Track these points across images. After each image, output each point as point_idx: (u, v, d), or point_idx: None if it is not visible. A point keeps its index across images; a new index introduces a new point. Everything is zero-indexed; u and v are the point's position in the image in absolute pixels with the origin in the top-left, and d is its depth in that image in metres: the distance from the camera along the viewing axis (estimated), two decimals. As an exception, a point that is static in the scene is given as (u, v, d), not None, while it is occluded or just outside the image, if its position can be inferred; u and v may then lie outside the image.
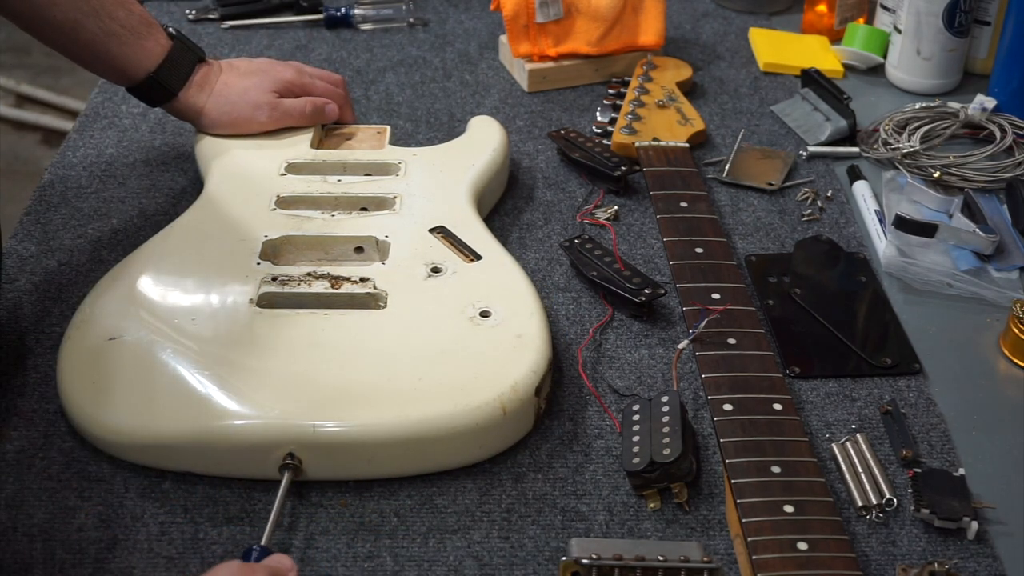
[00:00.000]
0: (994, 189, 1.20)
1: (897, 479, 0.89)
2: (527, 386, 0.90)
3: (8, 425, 0.92)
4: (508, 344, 0.93)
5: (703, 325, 0.97)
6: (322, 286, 0.99)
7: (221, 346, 0.93)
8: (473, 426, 0.87)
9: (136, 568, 0.82)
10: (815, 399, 0.96)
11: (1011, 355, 1.01)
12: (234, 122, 1.17)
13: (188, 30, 1.47)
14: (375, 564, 0.83)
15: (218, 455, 0.87)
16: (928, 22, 1.32)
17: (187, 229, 1.06)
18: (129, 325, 0.94)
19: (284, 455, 0.86)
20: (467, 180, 1.12)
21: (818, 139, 1.27)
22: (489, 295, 0.97)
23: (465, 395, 0.88)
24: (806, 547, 0.79)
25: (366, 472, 0.88)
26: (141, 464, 0.89)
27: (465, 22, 1.53)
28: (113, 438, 0.88)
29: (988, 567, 0.83)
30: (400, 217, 1.07)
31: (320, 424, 0.86)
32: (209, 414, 0.87)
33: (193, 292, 0.98)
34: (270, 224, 1.06)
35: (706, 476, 0.89)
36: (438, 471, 0.89)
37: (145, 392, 0.89)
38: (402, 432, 0.86)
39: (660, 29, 1.37)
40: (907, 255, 1.09)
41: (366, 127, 1.24)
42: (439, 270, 1.00)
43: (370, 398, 0.89)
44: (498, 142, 1.18)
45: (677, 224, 1.10)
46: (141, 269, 1.00)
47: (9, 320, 1.02)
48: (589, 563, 0.77)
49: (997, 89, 1.30)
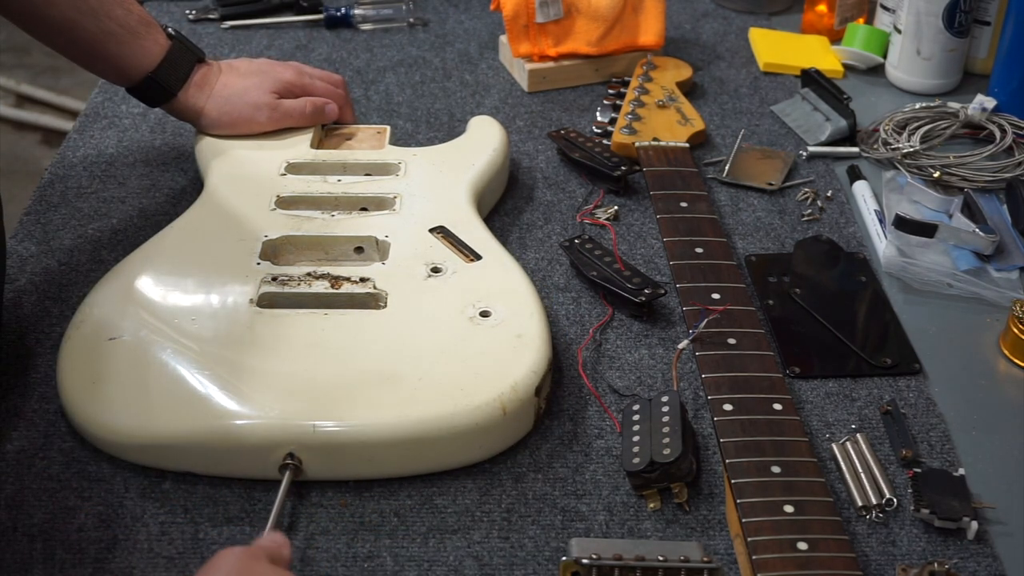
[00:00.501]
0: (994, 189, 1.20)
1: (897, 479, 0.89)
2: (527, 386, 0.90)
3: (8, 425, 0.93)
4: (508, 344, 0.93)
5: (703, 325, 0.97)
6: (322, 286, 0.99)
7: (221, 346, 0.93)
8: (473, 426, 0.87)
9: (136, 568, 0.82)
10: (815, 399, 0.96)
11: (1011, 355, 1.01)
12: (234, 122, 1.17)
13: (188, 30, 1.47)
14: (375, 564, 0.83)
15: (218, 455, 0.87)
16: (928, 22, 1.32)
17: (187, 229, 1.06)
18: (129, 325, 0.94)
19: (284, 455, 0.86)
20: (467, 180, 1.12)
21: (818, 139, 1.27)
22: (489, 295, 0.97)
23: (465, 395, 0.88)
24: (806, 547, 0.79)
25: (366, 472, 0.88)
26: (141, 464, 0.89)
27: (465, 22, 1.53)
28: (113, 438, 0.88)
29: (988, 567, 0.83)
30: (400, 217, 1.07)
31: (320, 424, 0.86)
32: (209, 414, 0.87)
33: (193, 292, 0.98)
34: (270, 224, 1.06)
35: (706, 476, 0.89)
36: (438, 471, 0.89)
37: (145, 392, 0.89)
38: (402, 432, 0.86)
39: (660, 29, 1.37)
40: (907, 255, 1.09)
41: (366, 127, 1.24)
42: (439, 270, 1.00)
43: (370, 398, 0.88)
44: (498, 142, 1.18)
45: (677, 224, 1.10)
46: (141, 269, 1.00)
47: (9, 320, 1.02)
48: (589, 563, 0.77)
49: (997, 89, 1.30)
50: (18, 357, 0.99)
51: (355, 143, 1.21)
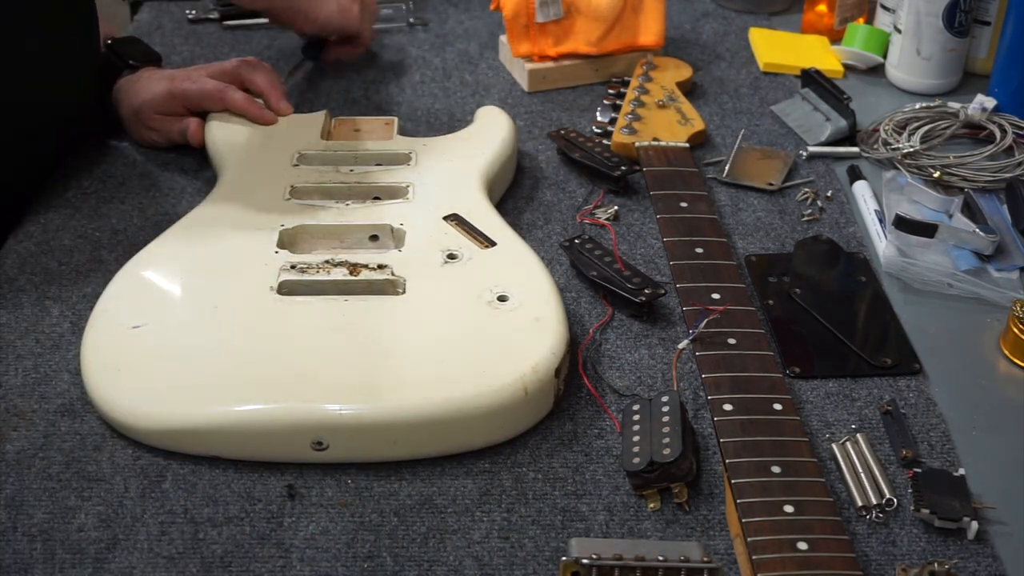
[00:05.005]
0: (994, 189, 1.20)
1: (897, 479, 0.89)
2: (547, 367, 0.91)
3: (8, 425, 0.93)
4: (527, 327, 0.94)
5: (703, 325, 0.97)
6: (341, 273, 1.00)
7: (244, 332, 0.94)
8: (496, 407, 0.89)
9: (136, 568, 0.82)
10: (815, 399, 0.96)
11: (1011, 355, 1.00)
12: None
13: (188, 30, 1.47)
14: (375, 564, 0.83)
15: (245, 440, 0.88)
16: (928, 22, 1.32)
17: (204, 219, 1.08)
18: (151, 313, 0.96)
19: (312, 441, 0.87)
20: (478, 168, 1.14)
21: (818, 139, 1.27)
22: (505, 280, 0.99)
23: (488, 377, 0.90)
24: (806, 547, 0.79)
25: (390, 454, 0.89)
26: (168, 450, 0.90)
27: (465, 22, 1.53)
28: (140, 424, 0.89)
29: (988, 567, 0.82)
30: (413, 205, 1.09)
31: (347, 407, 0.87)
32: (238, 398, 0.89)
33: (213, 280, 1.00)
34: (285, 213, 1.07)
35: (706, 476, 0.89)
36: (460, 452, 0.90)
37: (171, 379, 0.91)
38: (428, 414, 0.88)
39: (660, 29, 1.37)
40: (907, 255, 1.09)
41: (374, 119, 1.26)
42: (455, 256, 1.02)
43: (395, 381, 0.90)
44: (506, 131, 1.20)
45: (677, 224, 1.10)
46: (161, 258, 1.02)
47: (9, 320, 1.03)
48: (589, 563, 0.77)
49: (997, 89, 1.30)
50: (18, 357, 0.99)
51: (364, 134, 1.22)
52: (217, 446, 0.89)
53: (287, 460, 0.89)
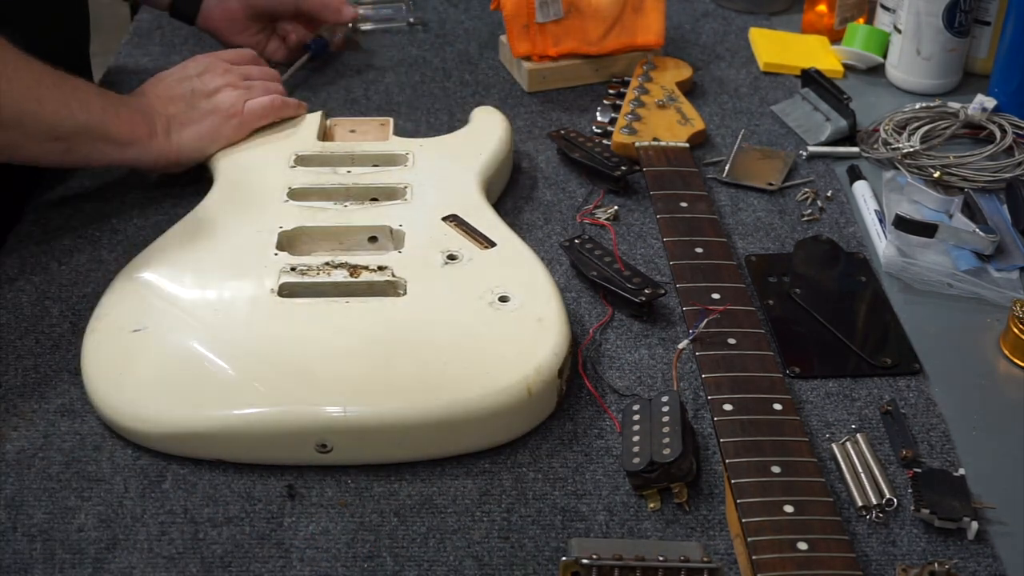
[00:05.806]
0: (994, 189, 1.20)
1: (897, 479, 0.89)
2: (551, 368, 0.91)
3: (8, 425, 0.93)
4: (529, 327, 0.94)
5: (703, 325, 0.97)
6: (341, 275, 1.00)
7: (246, 335, 0.94)
8: (501, 408, 0.89)
9: (136, 568, 0.82)
10: (815, 399, 0.96)
11: (1011, 355, 1.00)
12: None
13: (188, 31, 1.47)
14: (375, 564, 0.83)
15: (249, 443, 0.88)
16: (928, 22, 1.32)
17: (203, 221, 1.08)
18: (152, 316, 0.95)
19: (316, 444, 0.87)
20: (475, 168, 1.14)
21: (818, 139, 1.27)
22: (506, 281, 0.99)
23: (491, 378, 0.90)
24: (806, 547, 0.79)
25: (394, 456, 0.89)
26: (170, 454, 0.90)
27: (465, 22, 1.53)
28: (142, 428, 0.89)
29: (988, 567, 0.83)
30: (412, 206, 1.09)
31: (351, 409, 0.87)
32: (240, 401, 0.88)
33: (213, 283, 1.00)
34: (284, 215, 1.07)
35: (706, 476, 0.89)
36: (464, 454, 0.90)
37: (172, 382, 0.90)
38: (433, 415, 0.88)
39: (660, 29, 1.37)
40: (907, 255, 1.09)
41: (370, 119, 1.26)
42: (455, 257, 1.02)
43: (399, 383, 0.90)
44: (503, 131, 1.20)
45: (677, 224, 1.10)
46: (160, 261, 1.02)
47: (9, 320, 1.02)
48: (589, 563, 0.77)
49: (997, 89, 1.30)
50: (18, 357, 0.99)
51: (359, 135, 1.23)
52: (220, 449, 0.89)
53: (291, 463, 0.89)
